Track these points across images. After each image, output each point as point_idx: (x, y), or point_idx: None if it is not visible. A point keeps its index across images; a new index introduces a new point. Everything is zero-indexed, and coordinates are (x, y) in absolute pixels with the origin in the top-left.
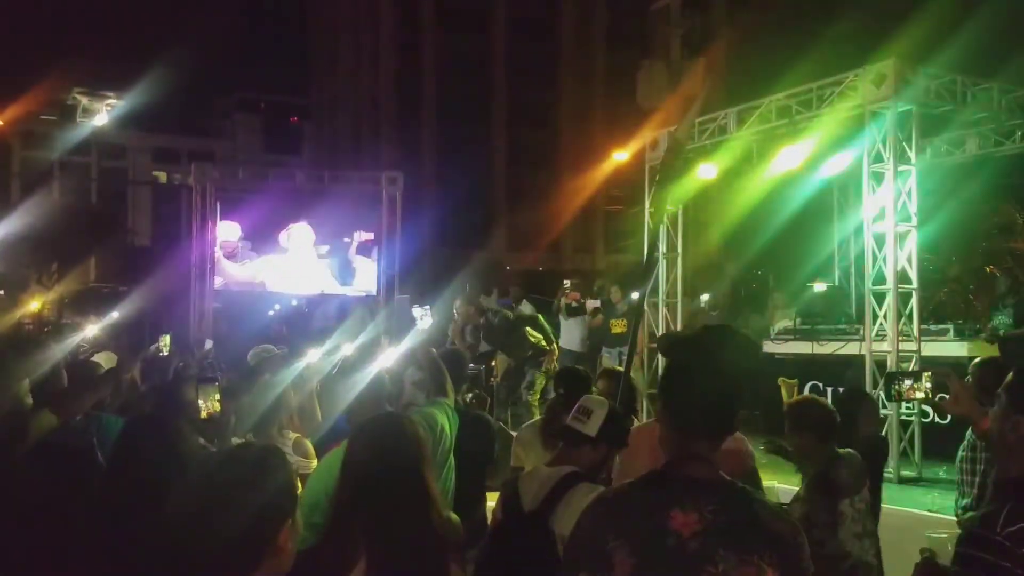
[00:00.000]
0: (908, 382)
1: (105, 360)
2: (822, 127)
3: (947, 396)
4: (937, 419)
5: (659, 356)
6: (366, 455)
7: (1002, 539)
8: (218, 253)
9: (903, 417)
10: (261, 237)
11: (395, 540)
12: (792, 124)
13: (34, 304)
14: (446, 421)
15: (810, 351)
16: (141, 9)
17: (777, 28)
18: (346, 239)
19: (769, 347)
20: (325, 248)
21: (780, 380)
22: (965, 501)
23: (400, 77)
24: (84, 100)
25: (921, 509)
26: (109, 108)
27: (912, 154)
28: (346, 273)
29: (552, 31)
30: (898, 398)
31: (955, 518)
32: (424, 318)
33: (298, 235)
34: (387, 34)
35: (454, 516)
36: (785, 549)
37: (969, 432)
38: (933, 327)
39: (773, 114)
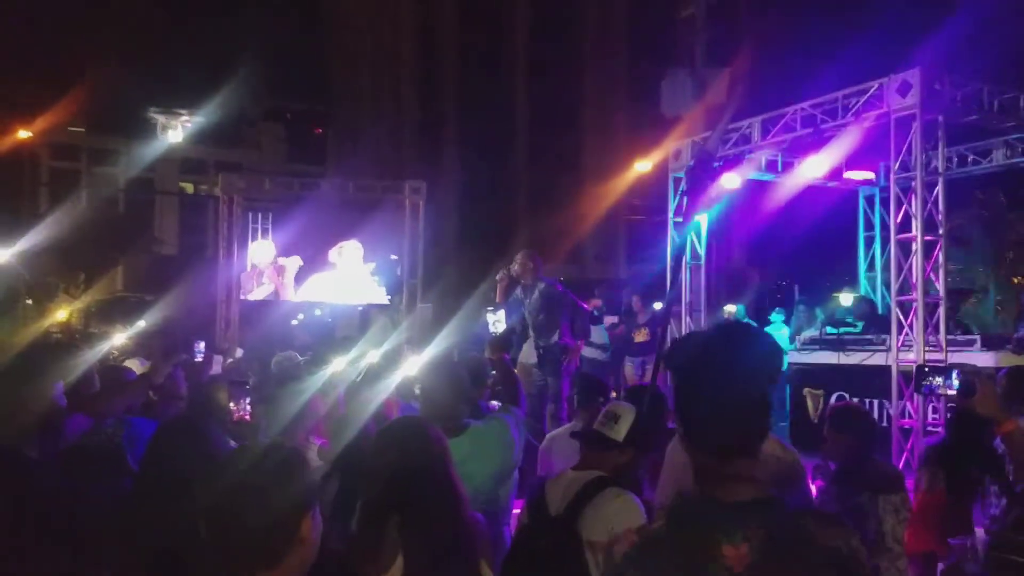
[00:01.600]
0: (939, 379)
1: (135, 367)
2: (848, 136)
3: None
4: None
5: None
6: (392, 456)
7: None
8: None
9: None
10: (295, 252)
11: (429, 539)
12: (817, 133)
13: (61, 314)
14: (519, 433)
15: (836, 361)
16: (164, 22)
17: (802, 37)
18: (393, 256)
19: (795, 357)
20: (372, 266)
21: (806, 391)
22: (993, 511)
23: (422, 85)
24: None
25: None
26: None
27: (939, 163)
28: (395, 291)
29: (575, 40)
30: (929, 393)
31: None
32: (497, 324)
33: (349, 252)
34: (409, 42)
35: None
36: (841, 562)
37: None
38: (960, 337)
39: (798, 123)
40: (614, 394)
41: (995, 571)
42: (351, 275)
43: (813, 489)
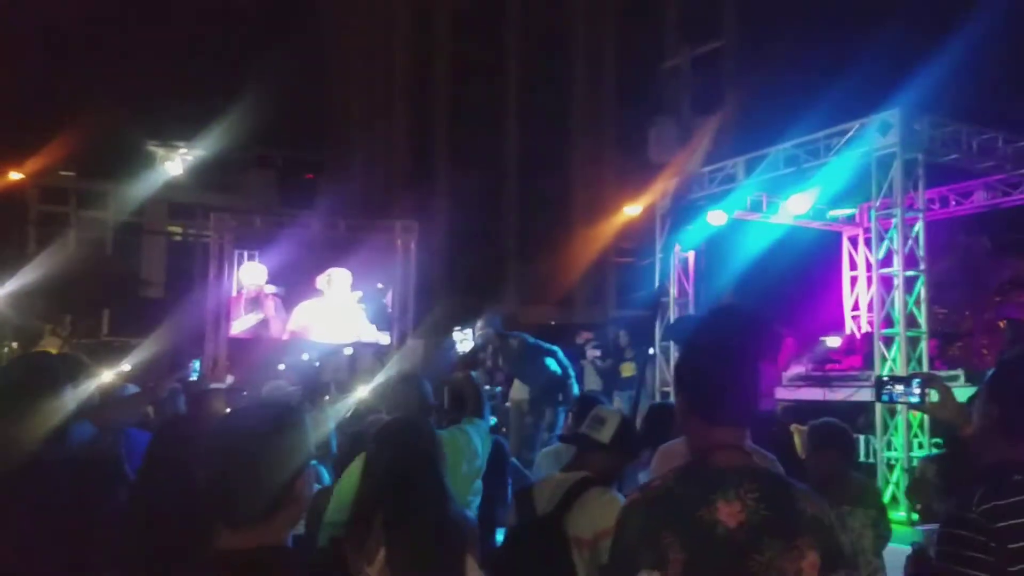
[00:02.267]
0: (899, 387)
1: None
2: (830, 175)
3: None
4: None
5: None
6: (388, 452)
7: (977, 515)
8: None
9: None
10: (284, 283)
11: (414, 531)
12: (800, 172)
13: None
14: (480, 443)
15: (822, 397)
16: (157, 65)
17: (786, 78)
18: (379, 285)
19: (781, 393)
20: (359, 294)
21: (793, 426)
22: None
23: (413, 133)
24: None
25: None
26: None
27: (919, 201)
28: (381, 319)
29: (563, 88)
30: (890, 402)
31: None
32: (464, 342)
33: (338, 279)
34: (401, 91)
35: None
36: (823, 531)
37: None
38: (943, 373)
39: (781, 162)
40: None
41: (943, 545)
42: (339, 305)
43: None
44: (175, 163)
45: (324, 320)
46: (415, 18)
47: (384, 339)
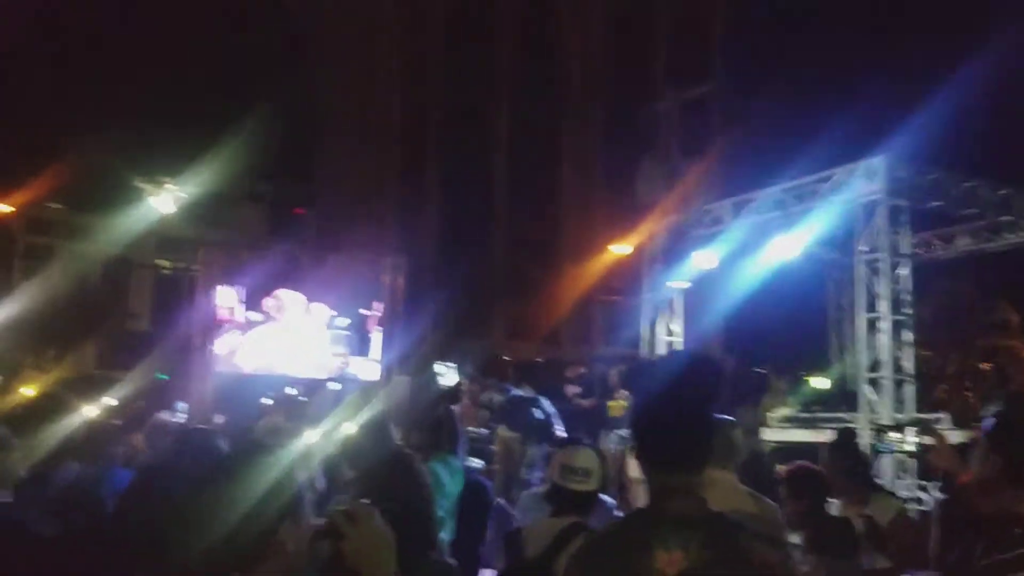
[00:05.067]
0: (895, 435)
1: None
2: (816, 219)
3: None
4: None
5: None
6: (376, 495)
7: (980, 569)
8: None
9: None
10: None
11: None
12: (786, 216)
13: (28, 390)
14: (448, 478)
15: (810, 439)
16: (145, 99)
17: (774, 123)
18: (362, 310)
19: (769, 435)
20: (347, 322)
21: (779, 468)
22: None
23: (404, 171)
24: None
25: None
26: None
27: (904, 247)
28: (364, 345)
29: (552, 129)
30: (887, 451)
31: None
32: (447, 375)
33: (290, 303)
34: (391, 129)
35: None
36: None
37: None
38: (930, 415)
39: (769, 206)
40: None
41: None
42: (298, 331)
43: None
44: (165, 200)
45: (285, 348)
46: (406, 59)
47: (370, 373)
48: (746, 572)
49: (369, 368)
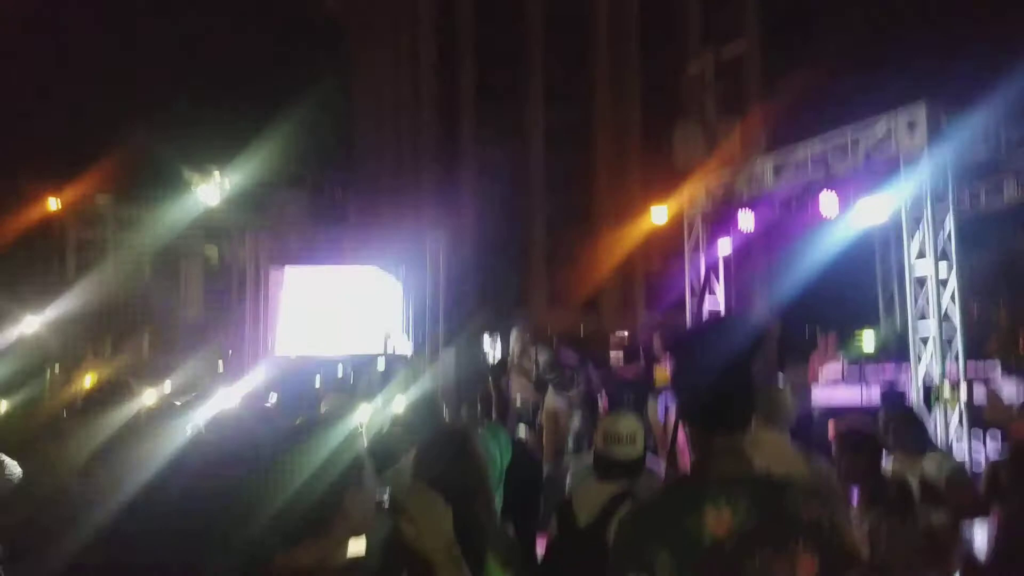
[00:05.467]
0: (948, 390)
1: None
2: (858, 174)
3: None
4: None
5: None
6: (432, 470)
7: None
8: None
9: None
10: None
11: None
12: (829, 172)
13: (88, 379)
14: (497, 450)
15: (859, 397)
16: (190, 91)
17: (812, 74)
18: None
19: (818, 394)
20: (393, 297)
21: (831, 428)
22: None
23: (441, 148)
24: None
25: None
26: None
27: (949, 198)
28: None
29: (588, 96)
30: (939, 401)
31: None
32: (495, 348)
33: (332, 282)
34: (427, 104)
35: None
36: (822, 533)
37: None
38: (980, 364)
39: (809, 163)
40: None
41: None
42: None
43: None
44: (211, 188)
45: (331, 328)
46: (439, 38)
47: (414, 348)
48: (795, 530)
49: (412, 343)
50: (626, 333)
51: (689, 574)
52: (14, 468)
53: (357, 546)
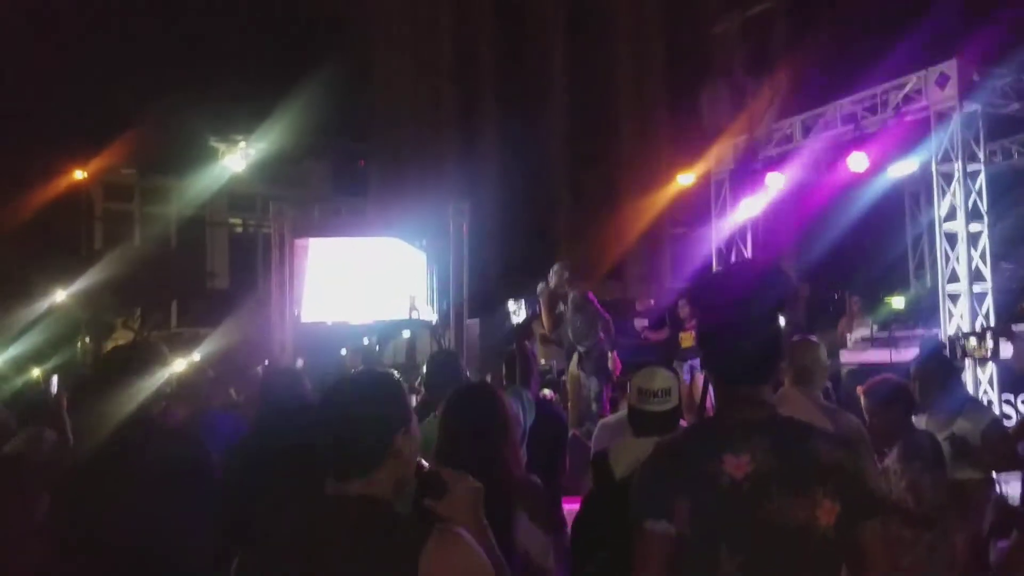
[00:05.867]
0: (973, 341)
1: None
2: (889, 131)
3: None
4: None
5: None
6: (462, 415)
7: None
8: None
9: None
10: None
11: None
12: (858, 130)
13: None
14: (521, 409)
15: (888, 359)
16: (211, 61)
17: (840, 32)
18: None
19: (846, 356)
20: (416, 264)
21: (859, 389)
22: None
23: (461, 110)
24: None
25: None
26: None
27: (981, 154)
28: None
29: (611, 58)
30: (963, 356)
31: None
32: (518, 312)
33: (357, 251)
34: (447, 72)
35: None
36: (845, 478)
37: None
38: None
39: (838, 121)
40: None
41: None
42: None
43: None
44: (236, 158)
45: (355, 297)
46: (459, 3)
47: (437, 315)
48: (815, 473)
49: (436, 311)
50: (651, 301)
51: (706, 517)
52: (49, 435)
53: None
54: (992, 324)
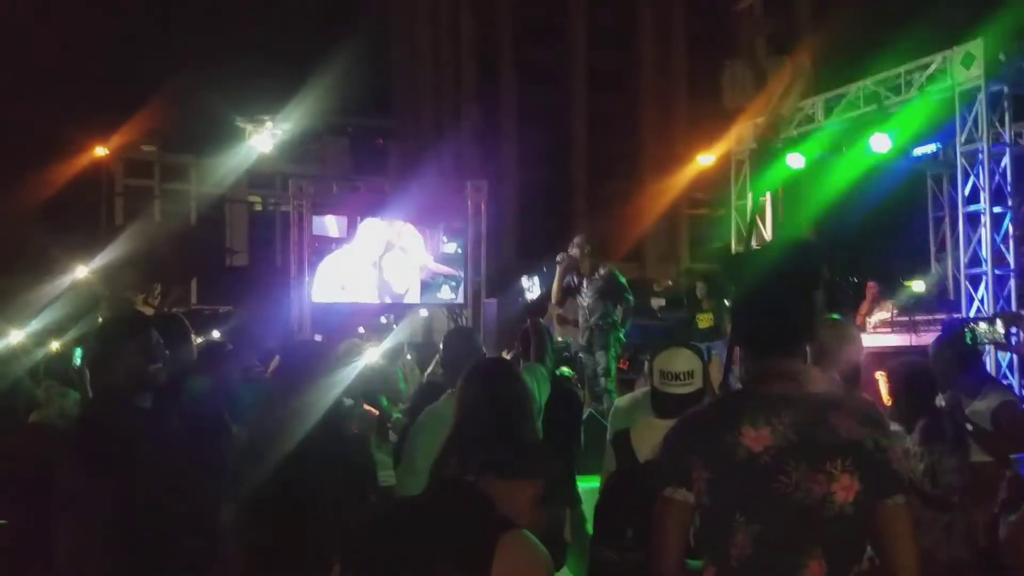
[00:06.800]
0: (983, 327)
1: None
2: (912, 111)
3: None
4: None
5: None
6: (479, 388)
7: None
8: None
9: None
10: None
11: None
12: (881, 110)
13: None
14: (535, 386)
15: (909, 343)
16: (236, 41)
17: (863, 16)
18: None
19: (866, 340)
20: (453, 245)
21: (878, 374)
22: None
23: (480, 89)
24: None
25: None
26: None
27: (1006, 135)
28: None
29: (631, 35)
30: (974, 342)
31: None
32: (532, 289)
33: (373, 230)
34: (467, 49)
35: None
36: (863, 455)
37: None
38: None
39: (861, 101)
40: None
41: None
42: (367, 260)
43: None
44: (264, 137)
45: (370, 276)
46: None
47: (456, 295)
48: (835, 448)
49: (454, 291)
50: (669, 282)
51: (723, 488)
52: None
53: None
54: (1012, 309)
